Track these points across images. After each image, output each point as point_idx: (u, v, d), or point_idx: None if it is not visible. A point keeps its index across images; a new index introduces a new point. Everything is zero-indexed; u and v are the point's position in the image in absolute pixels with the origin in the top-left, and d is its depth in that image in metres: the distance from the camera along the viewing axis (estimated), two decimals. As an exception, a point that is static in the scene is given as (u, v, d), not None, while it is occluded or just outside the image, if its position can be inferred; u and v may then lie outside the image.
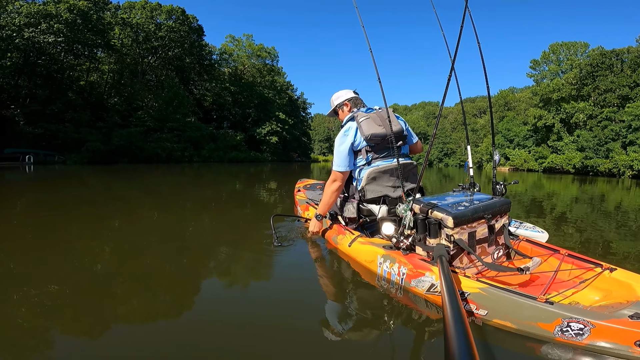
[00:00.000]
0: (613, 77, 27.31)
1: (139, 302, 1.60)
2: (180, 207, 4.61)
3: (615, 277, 1.44)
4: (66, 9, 17.69)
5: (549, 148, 32.04)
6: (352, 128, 2.15)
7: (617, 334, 1.07)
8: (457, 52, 1.53)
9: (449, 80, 1.55)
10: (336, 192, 2.23)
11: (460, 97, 2.54)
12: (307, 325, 1.40)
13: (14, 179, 8.38)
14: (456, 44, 1.49)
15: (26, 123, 17.64)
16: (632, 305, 1.19)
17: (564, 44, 33.50)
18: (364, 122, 2.10)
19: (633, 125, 24.14)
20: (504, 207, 1.79)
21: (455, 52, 1.53)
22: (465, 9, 1.54)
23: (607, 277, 1.46)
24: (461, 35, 1.48)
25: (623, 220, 4.46)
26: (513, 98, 45.81)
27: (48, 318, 1.41)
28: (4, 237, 2.74)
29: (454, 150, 57.17)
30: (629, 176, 23.03)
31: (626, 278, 1.41)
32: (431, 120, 66.83)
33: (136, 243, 2.68)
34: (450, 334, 0.80)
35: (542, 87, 33.02)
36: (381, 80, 2.02)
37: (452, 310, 0.92)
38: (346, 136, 2.15)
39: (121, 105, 23.10)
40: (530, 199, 6.99)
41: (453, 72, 1.59)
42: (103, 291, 1.68)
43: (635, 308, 1.16)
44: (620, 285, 1.40)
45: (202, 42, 30.08)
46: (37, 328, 1.33)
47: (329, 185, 2.20)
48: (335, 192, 2.22)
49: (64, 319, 1.42)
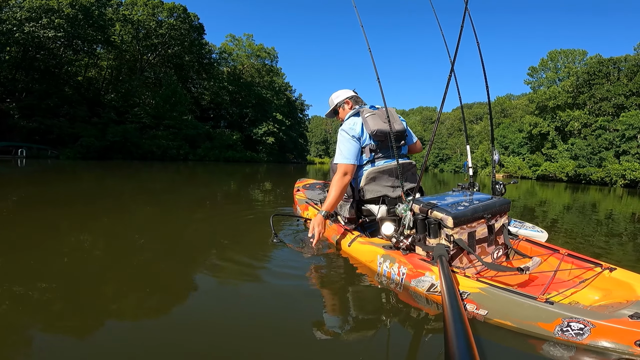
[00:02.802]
0: (609, 85, 27.56)
1: (130, 300, 1.55)
2: (174, 205, 4.56)
3: (615, 277, 1.44)
4: (68, 4, 17.61)
5: (543, 156, 32.42)
6: (358, 123, 2.13)
7: (617, 334, 1.07)
8: (457, 51, 1.52)
9: (449, 80, 1.55)
10: (346, 187, 2.07)
11: (459, 97, 2.56)
12: (306, 325, 1.38)
13: (5, 172, 8.25)
14: (456, 44, 1.49)
15: (21, 117, 17.42)
16: (632, 305, 1.19)
17: (562, 52, 33.92)
18: (370, 117, 2.08)
19: (627, 134, 24.51)
20: (503, 207, 1.79)
21: (455, 52, 1.53)
22: (465, 10, 1.54)
23: (607, 277, 1.46)
24: (461, 35, 1.47)
25: (615, 227, 4.51)
26: (510, 105, 46.41)
27: (35, 315, 1.36)
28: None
29: (450, 156, 57.64)
30: (621, 185, 23.36)
31: (626, 278, 1.42)
32: (428, 126, 67.33)
33: (128, 241, 2.61)
34: (450, 333, 0.80)
35: (538, 94, 33.42)
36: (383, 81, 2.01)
37: (452, 310, 0.92)
38: (353, 130, 2.10)
39: (118, 102, 22.94)
40: (523, 205, 7.05)
41: (452, 72, 1.58)
42: (93, 289, 1.63)
43: (635, 308, 1.16)
44: (620, 284, 1.40)
45: (203, 40, 30.05)
46: (24, 325, 1.29)
47: (339, 180, 2.02)
48: (345, 187, 2.06)
49: (52, 316, 1.37)
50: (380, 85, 2.05)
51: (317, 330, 1.33)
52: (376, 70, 1.99)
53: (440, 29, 2.33)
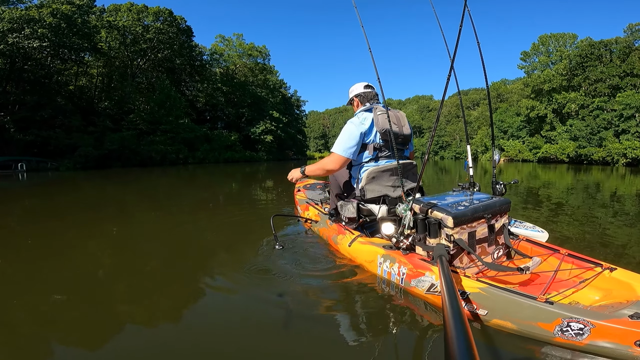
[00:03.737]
0: (603, 67, 27.60)
1: (139, 307, 1.60)
2: (177, 210, 4.59)
3: (615, 277, 1.43)
4: (49, 13, 17.33)
5: (543, 138, 32.35)
6: (368, 119, 2.13)
7: (617, 334, 1.07)
8: (456, 50, 1.51)
9: (449, 79, 1.53)
10: (327, 173, 2.28)
11: (460, 99, 2.57)
12: (306, 325, 1.41)
13: (8, 187, 8.26)
14: (455, 43, 1.47)
15: (17, 130, 17.35)
16: (632, 305, 1.19)
17: (553, 36, 33.75)
18: (381, 116, 2.09)
19: (624, 114, 24.42)
20: (503, 207, 1.79)
21: (455, 52, 1.51)
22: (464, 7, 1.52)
23: (607, 277, 1.45)
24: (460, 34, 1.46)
25: (620, 209, 4.51)
26: (505, 90, 46.14)
27: (48, 323, 1.43)
28: (2, 244, 2.73)
29: (449, 143, 57.51)
30: (623, 164, 23.31)
31: (626, 278, 1.41)
32: (425, 114, 67.09)
33: (134, 248, 2.68)
34: (450, 334, 0.79)
35: (533, 78, 33.26)
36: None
37: (452, 310, 0.92)
38: (361, 124, 2.11)
39: (112, 109, 22.80)
40: (526, 188, 7.05)
41: (452, 70, 1.57)
42: (103, 297, 1.69)
43: (635, 308, 1.15)
44: (620, 285, 1.39)
45: (192, 42, 29.74)
46: (38, 333, 1.35)
47: (328, 164, 2.15)
48: (326, 173, 2.26)
49: (64, 324, 1.43)
50: (381, 84, 2.05)
51: (317, 330, 1.35)
52: (376, 70, 1.97)
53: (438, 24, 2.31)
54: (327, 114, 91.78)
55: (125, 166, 18.47)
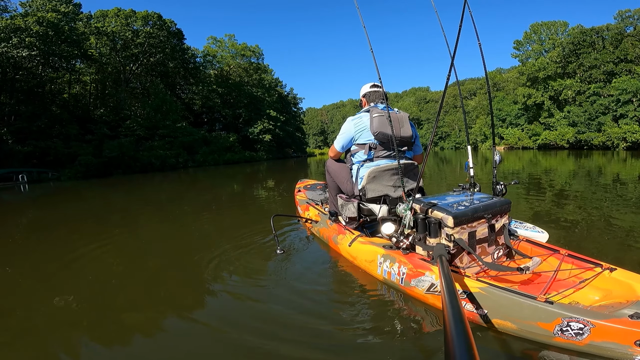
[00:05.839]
0: (596, 54, 27.47)
1: (147, 313, 1.65)
2: (181, 214, 4.63)
3: (615, 277, 1.43)
4: (35, 21, 17.17)
5: (542, 125, 32.22)
6: (364, 119, 2.19)
7: (617, 334, 1.07)
8: (456, 49, 1.49)
9: (448, 78, 1.53)
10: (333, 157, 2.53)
11: (459, 92, 2.59)
12: (306, 324, 1.43)
13: (11, 199, 8.29)
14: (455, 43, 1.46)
15: (15, 141, 17.33)
16: (632, 305, 1.19)
17: (544, 24, 33.66)
18: (377, 118, 2.13)
19: (622, 99, 24.35)
20: (504, 207, 1.78)
21: (455, 51, 1.50)
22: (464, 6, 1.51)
23: (607, 277, 1.45)
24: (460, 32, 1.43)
25: (622, 192, 4.51)
26: (501, 78, 45.87)
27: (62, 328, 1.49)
28: (11, 253, 2.82)
29: (449, 133, 57.31)
30: (624, 148, 23.24)
31: (626, 278, 1.41)
32: (423, 106, 66.76)
33: (140, 254, 2.74)
34: (450, 333, 0.78)
35: (527, 66, 33.06)
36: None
37: (452, 310, 0.91)
38: (356, 124, 2.21)
39: (108, 116, 22.68)
40: (528, 175, 7.04)
41: (452, 67, 1.56)
42: (112, 303, 1.74)
43: (635, 308, 1.16)
44: (620, 285, 1.39)
45: (184, 45, 29.50)
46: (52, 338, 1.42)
47: (329, 152, 2.51)
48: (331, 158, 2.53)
49: (74, 330, 1.49)
50: (381, 83, 2.08)
51: (317, 330, 1.37)
52: (377, 70, 1.97)
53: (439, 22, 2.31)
54: (325, 110, 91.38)
55: (126, 173, 18.46)
